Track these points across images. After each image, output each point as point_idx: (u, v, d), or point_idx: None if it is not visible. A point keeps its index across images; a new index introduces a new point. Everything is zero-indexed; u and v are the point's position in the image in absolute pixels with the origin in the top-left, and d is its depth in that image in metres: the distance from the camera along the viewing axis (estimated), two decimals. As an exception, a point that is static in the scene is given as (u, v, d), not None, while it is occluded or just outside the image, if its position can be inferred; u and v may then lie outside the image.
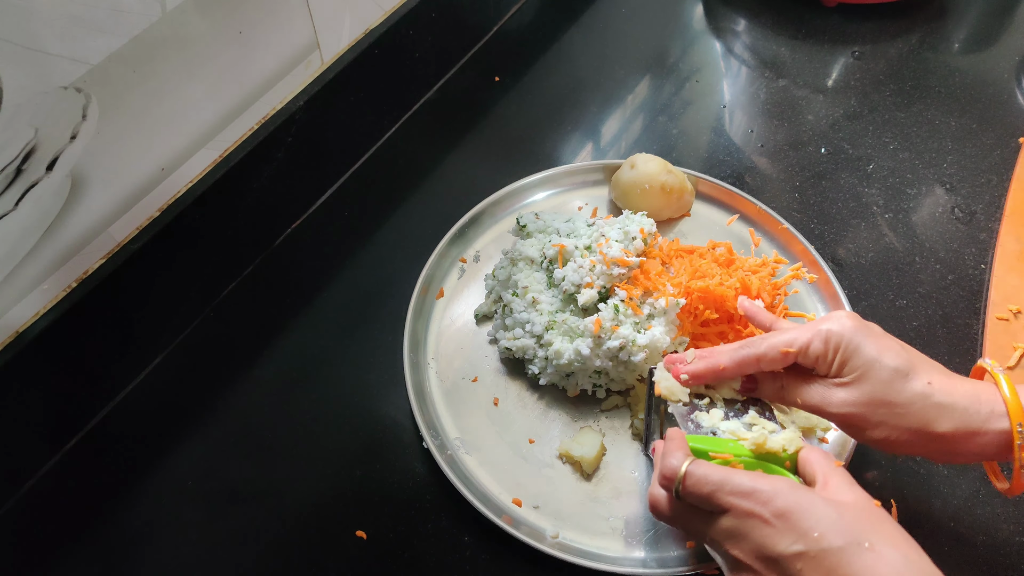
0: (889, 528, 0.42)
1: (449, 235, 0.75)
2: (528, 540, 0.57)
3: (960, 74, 0.92)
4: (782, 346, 0.51)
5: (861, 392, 0.48)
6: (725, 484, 0.44)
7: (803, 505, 0.42)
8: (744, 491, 0.44)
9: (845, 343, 0.48)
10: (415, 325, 0.70)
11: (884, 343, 0.48)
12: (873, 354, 0.48)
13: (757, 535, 0.43)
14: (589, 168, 0.80)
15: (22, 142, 0.52)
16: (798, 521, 0.42)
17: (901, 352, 0.48)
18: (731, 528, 0.44)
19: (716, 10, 1.03)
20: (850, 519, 0.42)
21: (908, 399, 0.47)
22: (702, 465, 0.46)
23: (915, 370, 0.47)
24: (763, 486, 0.44)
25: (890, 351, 0.48)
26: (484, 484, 0.62)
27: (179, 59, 0.60)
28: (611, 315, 0.63)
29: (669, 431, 0.52)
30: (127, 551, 0.60)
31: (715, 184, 0.78)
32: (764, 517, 0.43)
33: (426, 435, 0.63)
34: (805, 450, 0.49)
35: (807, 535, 0.41)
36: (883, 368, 0.47)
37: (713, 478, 0.45)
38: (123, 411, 0.67)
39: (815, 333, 0.50)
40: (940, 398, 0.46)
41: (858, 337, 0.48)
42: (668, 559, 0.58)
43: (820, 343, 0.49)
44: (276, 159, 0.73)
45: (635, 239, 0.67)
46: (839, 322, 0.49)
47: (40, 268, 0.57)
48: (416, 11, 0.82)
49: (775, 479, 0.44)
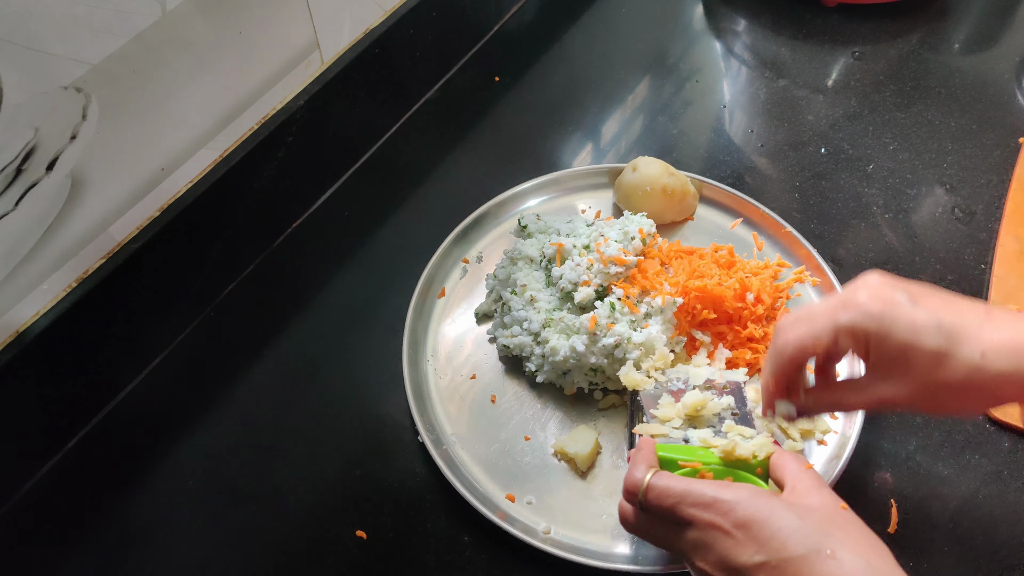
0: (854, 533, 0.42)
1: (452, 235, 0.75)
2: (521, 535, 0.58)
3: (960, 74, 0.92)
4: (808, 344, 0.45)
5: (909, 380, 0.43)
6: (687, 496, 0.44)
7: (763, 513, 0.42)
8: (705, 502, 0.43)
9: (874, 335, 0.43)
10: (415, 324, 0.70)
11: (916, 320, 0.42)
12: (906, 339, 0.42)
13: (720, 547, 0.43)
14: (593, 171, 0.80)
15: (22, 142, 0.52)
16: (759, 531, 0.41)
17: (937, 328, 0.41)
18: (695, 540, 0.44)
19: (716, 10, 1.03)
20: (812, 526, 0.41)
21: (963, 376, 0.41)
22: (664, 477, 0.46)
23: (959, 342, 0.41)
24: (725, 495, 0.43)
25: (925, 329, 0.41)
26: (478, 480, 0.62)
27: (179, 59, 0.60)
28: (607, 312, 0.63)
29: (639, 440, 0.51)
30: (127, 551, 0.60)
31: (719, 188, 0.77)
32: (725, 528, 0.42)
33: (422, 431, 0.63)
34: (776, 454, 0.49)
35: (767, 544, 0.41)
36: (921, 354, 0.41)
37: (675, 489, 0.45)
38: (123, 411, 0.67)
39: (837, 329, 0.44)
40: (1000, 366, 0.40)
41: (886, 323, 0.42)
42: (660, 555, 0.58)
43: (847, 340, 0.44)
44: (276, 159, 0.73)
45: (634, 239, 0.67)
46: (860, 310, 0.43)
47: (40, 268, 0.57)
48: (416, 11, 0.82)
49: (738, 488, 0.44)
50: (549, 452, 0.64)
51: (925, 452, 0.63)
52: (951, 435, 0.63)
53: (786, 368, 0.47)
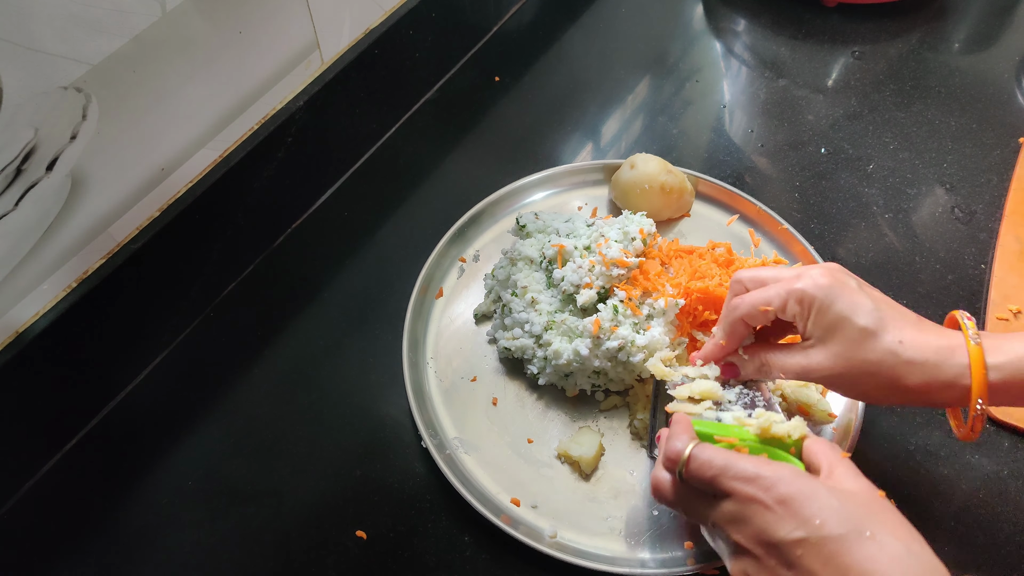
0: (892, 518, 0.42)
1: (449, 235, 0.75)
2: (526, 540, 0.57)
3: (960, 74, 0.92)
4: (761, 305, 0.51)
5: (834, 351, 0.49)
6: (729, 468, 0.44)
7: (805, 492, 0.42)
8: (747, 476, 0.44)
9: (818, 303, 0.49)
10: (414, 325, 0.70)
11: (857, 300, 0.48)
12: (843, 312, 0.48)
13: (759, 520, 0.43)
14: (589, 168, 0.80)
15: (22, 142, 0.52)
16: (800, 508, 0.42)
17: (873, 310, 0.48)
18: (733, 512, 0.44)
19: (716, 10, 1.03)
20: (853, 507, 0.42)
21: (879, 357, 0.47)
22: (707, 448, 0.46)
23: (885, 327, 0.48)
24: (766, 472, 0.43)
25: (861, 308, 0.48)
26: (482, 484, 0.62)
27: (179, 59, 0.60)
28: (610, 315, 0.63)
29: (675, 416, 0.51)
30: (127, 551, 0.60)
31: (715, 184, 0.78)
32: (766, 503, 0.43)
33: (425, 435, 0.63)
34: (810, 439, 0.49)
35: (808, 522, 0.41)
36: (852, 327, 0.48)
37: (717, 462, 0.45)
38: (123, 411, 0.67)
39: (789, 293, 0.50)
40: (910, 355, 0.47)
41: (831, 296, 0.48)
42: (667, 559, 0.58)
43: (795, 303, 0.50)
44: (276, 159, 0.73)
45: (634, 239, 0.67)
46: (812, 280, 0.49)
47: (40, 268, 0.57)
48: (416, 11, 0.82)
49: (779, 465, 0.44)
50: (552, 455, 0.64)
51: (925, 452, 0.62)
52: (951, 435, 0.63)
53: (736, 325, 0.53)
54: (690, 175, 0.78)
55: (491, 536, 0.59)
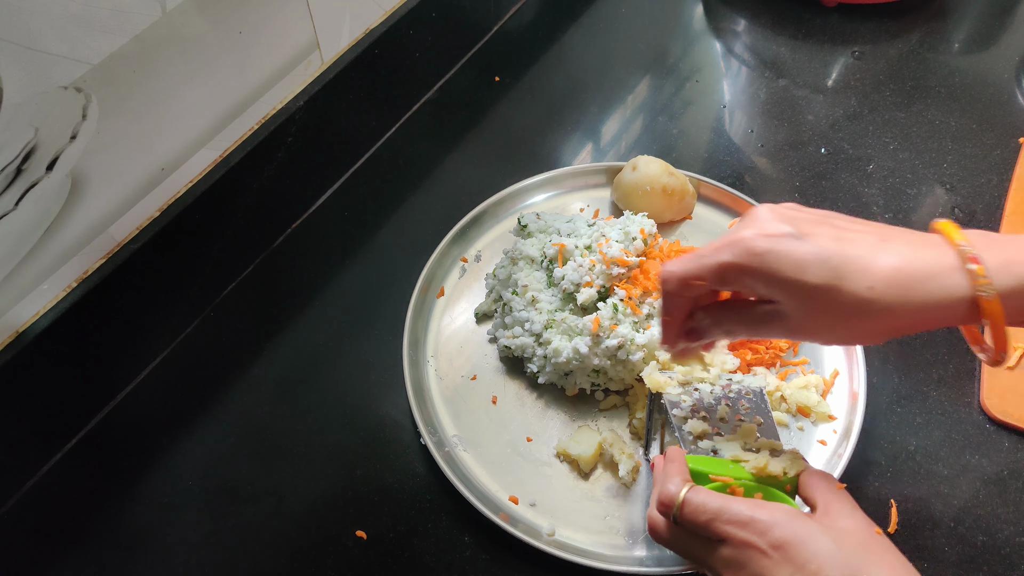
0: (889, 559, 0.42)
1: (451, 234, 0.75)
2: (524, 537, 0.58)
3: (960, 74, 0.92)
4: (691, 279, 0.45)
5: (799, 313, 0.42)
6: (723, 513, 0.44)
7: (800, 536, 0.42)
8: (741, 520, 0.43)
9: (757, 272, 0.42)
10: (415, 323, 0.70)
11: (801, 254, 0.41)
12: (791, 275, 0.41)
13: (755, 566, 0.42)
14: (591, 170, 0.80)
15: (22, 142, 0.52)
16: (796, 553, 0.41)
17: (826, 260, 0.40)
18: (728, 557, 0.44)
19: (716, 10, 1.03)
20: (849, 550, 0.41)
21: (852, 310, 0.40)
22: (700, 492, 0.46)
23: (844, 276, 0.40)
24: (761, 516, 0.43)
25: (810, 264, 0.40)
26: (481, 481, 0.62)
27: (179, 59, 0.60)
28: (610, 314, 0.63)
29: (669, 450, 0.51)
30: (127, 551, 0.60)
31: (717, 187, 0.78)
32: (761, 548, 0.42)
33: (424, 432, 0.63)
34: (806, 473, 0.48)
35: (804, 567, 0.41)
36: (806, 289, 0.41)
37: (711, 506, 0.44)
38: (123, 411, 0.67)
39: (719, 266, 0.43)
40: (888, 299, 0.40)
41: (768, 261, 0.41)
42: (665, 558, 0.58)
43: (732, 276, 0.43)
44: (276, 159, 0.73)
45: (635, 239, 0.67)
46: (740, 249, 0.42)
47: (40, 268, 0.57)
48: (416, 11, 0.82)
49: (774, 508, 0.44)
50: (551, 453, 0.64)
51: (925, 452, 0.62)
52: (951, 435, 0.63)
53: (671, 300, 0.47)
54: (692, 177, 0.78)
55: (491, 536, 0.59)
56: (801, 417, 0.64)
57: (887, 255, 0.40)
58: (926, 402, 0.65)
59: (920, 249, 0.41)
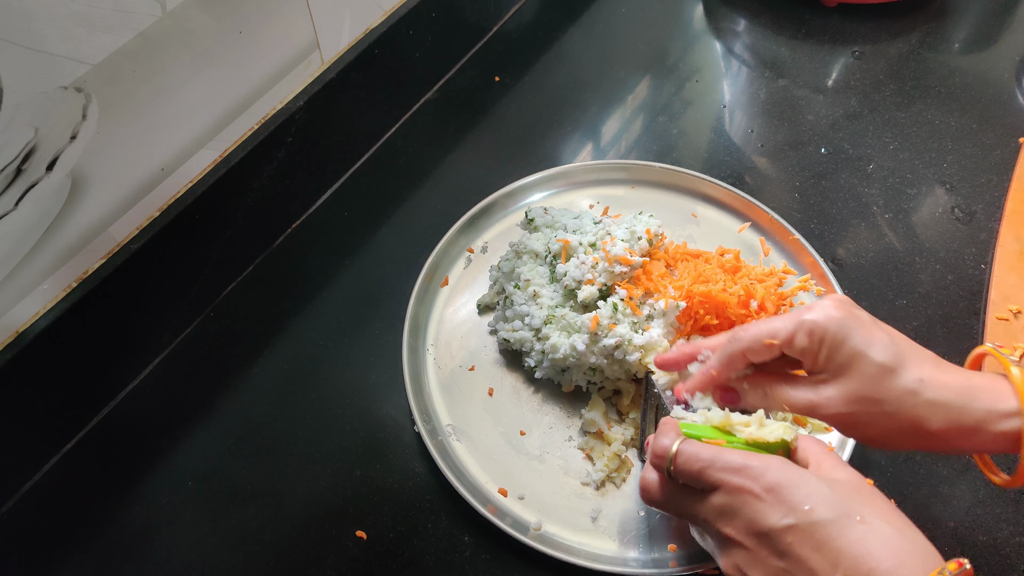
0: (881, 503, 0.42)
1: (459, 224, 0.75)
2: (509, 530, 0.58)
3: (960, 74, 0.92)
4: (766, 338, 0.48)
5: (848, 389, 0.46)
6: (716, 460, 0.44)
7: (793, 479, 0.42)
8: (735, 467, 0.44)
9: (831, 336, 0.46)
10: (417, 311, 0.70)
11: (873, 335, 0.45)
12: (860, 347, 0.45)
13: (748, 510, 0.43)
14: (605, 167, 0.81)
15: (22, 142, 0.52)
16: (789, 495, 0.41)
17: (890, 345, 0.45)
18: (722, 505, 0.44)
19: (716, 10, 1.03)
20: (842, 493, 0.42)
21: (897, 396, 0.44)
22: (693, 443, 0.46)
23: (904, 365, 0.44)
24: (754, 462, 0.43)
25: (878, 344, 0.45)
26: (471, 472, 0.62)
27: (179, 59, 0.60)
28: (609, 313, 0.63)
29: (663, 420, 0.51)
30: (127, 551, 0.60)
31: (727, 190, 0.77)
32: (754, 492, 0.42)
33: (418, 420, 0.63)
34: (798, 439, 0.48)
35: (797, 508, 0.41)
36: (869, 363, 0.45)
37: (704, 455, 0.45)
38: (123, 411, 0.67)
39: (799, 325, 0.47)
40: (931, 395, 0.44)
41: (844, 329, 0.45)
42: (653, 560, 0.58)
43: (804, 336, 0.47)
44: (276, 159, 0.73)
45: (640, 239, 0.67)
46: (824, 312, 0.46)
47: (40, 268, 0.57)
48: (416, 11, 0.82)
49: (766, 456, 0.44)
50: (544, 448, 0.64)
51: (925, 452, 0.62)
52: (951, 435, 0.63)
53: (736, 358, 0.50)
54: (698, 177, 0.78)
55: (490, 536, 0.59)
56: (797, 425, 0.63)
57: (942, 369, 0.45)
58: (926, 402, 0.65)
59: (972, 374, 0.45)
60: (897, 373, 0.44)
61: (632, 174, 0.80)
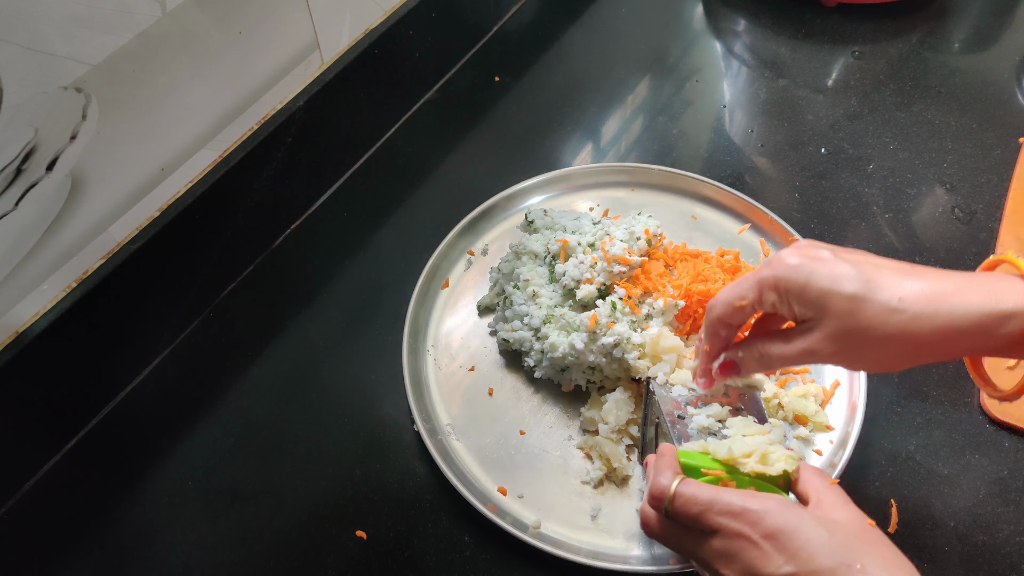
0: (882, 549, 0.42)
1: (460, 226, 0.75)
2: (510, 528, 0.58)
3: (960, 74, 0.92)
4: (735, 301, 0.48)
5: (831, 329, 0.44)
6: (714, 504, 0.44)
7: (792, 525, 0.41)
8: (733, 511, 0.43)
9: (794, 285, 0.45)
10: (417, 312, 0.70)
11: (836, 269, 0.44)
12: (825, 286, 0.44)
13: (747, 556, 0.42)
14: (606, 169, 0.80)
15: (22, 142, 0.52)
16: (788, 542, 0.41)
17: (856, 275, 0.43)
18: (720, 549, 0.44)
19: (716, 10, 1.03)
20: (841, 539, 0.41)
21: (882, 320, 0.42)
22: (691, 484, 0.45)
23: (877, 288, 0.43)
24: (753, 505, 0.43)
25: (843, 277, 0.43)
26: (471, 471, 0.62)
27: (179, 59, 0.60)
28: (608, 312, 0.63)
29: (661, 446, 0.51)
30: (127, 551, 0.60)
31: (727, 191, 0.77)
32: (753, 538, 0.42)
33: (418, 419, 0.63)
34: (800, 469, 0.48)
35: (797, 556, 0.40)
36: (840, 298, 0.43)
37: (702, 498, 0.44)
38: (123, 411, 0.67)
39: (760, 282, 0.46)
40: (916, 309, 0.42)
41: (805, 274, 0.44)
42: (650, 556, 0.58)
43: (771, 292, 0.46)
44: (276, 159, 0.73)
45: (639, 239, 0.67)
46: (781, 263, 0.46)
47: (40, 268, 0.57)
48: (416, 11, 0.82)
49: (766, 498, 0.44)
50: (543, 448, 0.64)
51: (925, 452, 0.62)
52: (951, 435, 0.63)
53: (715, 327, 0.50)
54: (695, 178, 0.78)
55: (490, 536, 0.59)
56: (798, 426, 0.64)
57: (916, 280, 0.43)
58: (926, 402, 0.65)
59: (950, 274, 0.43)
60: (872, 299, 0.43)
61: (632, 176, 0.80)
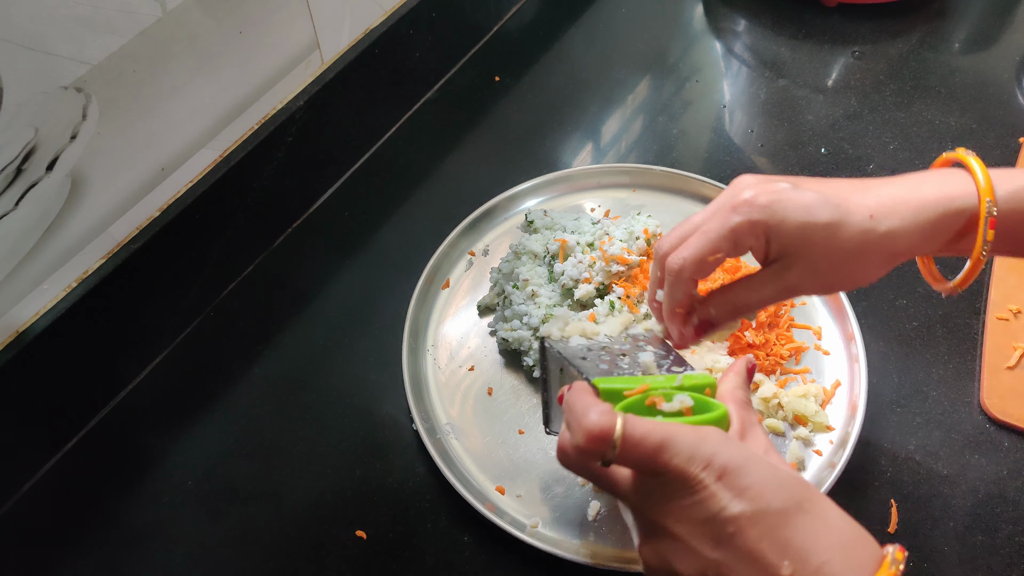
0: (824, 497, 0.39)
1: (461, 227, 0.75)
2: (508, 527, 0.58)
3: (960, 74, 0.92)
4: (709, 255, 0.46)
5: (811, 261, 0.44)
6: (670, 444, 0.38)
7: (738, 462, 0.38)
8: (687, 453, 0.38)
9: (772, 224, 0.44)
10: (417, 313, 0.70)
11: (805, 200, 0.44)
12: (802, 219, 0.43)
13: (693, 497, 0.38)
14: (607, 170, 0.80)
15: (22, 142, 0.52)
16: (737, 479, 0.37)
17: (825, 202, 0.44)
18: (660, 489, 0.39)
19: (716, 10, 1.03)
20: (787, 480, 0.38)
21: (858, 241, 0.44)
22: (638, 422, 0.39)
23: (847, 210, 0.44)
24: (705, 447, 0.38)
25: (814, 206, 0.44)
26: (470, 470, 0.62)
27: (179, 59, 0.60)
28: (606, 311, 0.63)
29: (576, 385, 0.44)
30: (127, 551, 0.60)
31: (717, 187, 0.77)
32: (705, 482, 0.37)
33: (417, 419, 0.63)
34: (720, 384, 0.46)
35: (746, 493, 0.37)
36: (818, 228, 0.43)
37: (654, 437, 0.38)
38: (123, 411, 0.67)
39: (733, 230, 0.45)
40: (887, 224, 0.44)
41: (780, 211, 0.44)
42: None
43: (748, 238, 0.45)
44: (276, 159, 0.73)
45: (638, 239, 0.67)
46: (748, 208, 0.44)
47: (40, 268, 0.57)
48: (416, 11, 0.82)
49: (708, 431, 0.39)
50: (541, 447, 0.64)
51: (925, 452, 0.62)
52: (951, 435, 0.63)
53: (687, 287, 0.48)
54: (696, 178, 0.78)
55: (490, 536, 0.59)
56: (798, 426, 0.63)
57: (874, 193, 0.45)
58: (926, 402, 0.65)
59: (902, 178, 0.46)
60: (846, 222, 0.44)
61: (632, 177, 0.80)
